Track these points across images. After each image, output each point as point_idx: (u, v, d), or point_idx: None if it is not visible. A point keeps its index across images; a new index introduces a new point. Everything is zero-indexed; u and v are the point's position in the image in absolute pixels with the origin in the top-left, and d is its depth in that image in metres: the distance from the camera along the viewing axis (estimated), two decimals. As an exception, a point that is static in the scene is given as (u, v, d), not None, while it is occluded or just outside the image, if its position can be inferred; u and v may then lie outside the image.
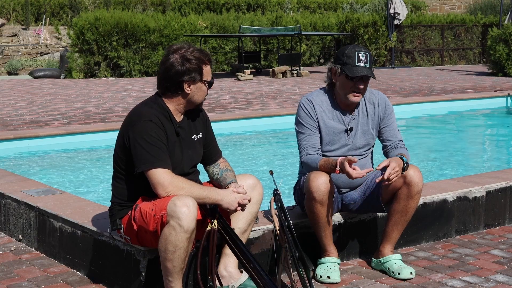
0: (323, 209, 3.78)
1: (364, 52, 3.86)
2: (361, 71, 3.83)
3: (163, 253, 3.22)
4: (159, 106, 3.43)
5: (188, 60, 3.37)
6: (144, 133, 3.31)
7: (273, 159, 8.11)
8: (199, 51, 3.42)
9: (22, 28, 21.67)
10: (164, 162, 3.30)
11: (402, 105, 11.24)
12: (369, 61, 3.85)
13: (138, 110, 3.43)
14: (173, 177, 3.29)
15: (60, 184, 6.50)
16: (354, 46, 3.92)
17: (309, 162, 3.89)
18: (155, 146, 3.30)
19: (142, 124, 3.33)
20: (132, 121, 3.38)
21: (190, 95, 3.44)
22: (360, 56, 3.85)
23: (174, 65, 3.37)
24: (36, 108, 10.94)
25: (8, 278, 3.89)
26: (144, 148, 3.30)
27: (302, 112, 4.01)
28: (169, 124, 3.42)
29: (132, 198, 3.43)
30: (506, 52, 16.63)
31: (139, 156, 3.30)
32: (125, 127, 3.42)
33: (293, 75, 16.73)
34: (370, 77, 3.86)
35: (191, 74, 3.38)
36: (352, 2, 24.41)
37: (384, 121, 4.06)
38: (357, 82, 3.88)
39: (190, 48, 3.42)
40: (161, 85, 3.46)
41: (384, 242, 4.02)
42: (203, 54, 3.44)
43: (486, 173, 5.51)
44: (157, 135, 3.33)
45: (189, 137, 3.52)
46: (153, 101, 3.47)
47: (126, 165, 3.41)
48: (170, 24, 17.40)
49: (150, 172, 3.28)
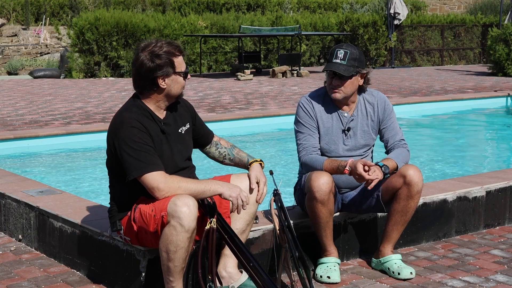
0: (324, 209, 3.78)
1: (344, 50, 3.87)
2: (331, 66, 3.86)
3: (164, 253, 3.22)
4: (139, 108, 3.41)
5: (157, 56, 3.35)
6: (129, 140, 3.29)
7: (273, 159, 8.11)
8: (168, 44, 3.40)
9: (22, 28, 21.67)
10: (155, 164, 3.29)
11: (402, 105, 11.24)
12: (347, 58, 3.85)
13: (118, 118, 3.40)
14: (167, 178, 3.28)
15: (60, 184, 6.50)
16: (342, 44, 3.95)
17: (311, 162, 3.89)
18: (142, 151, 3.29)
19: (124, 131, 3.31)
20: (115, 130, 3.36)
21: (167, 89, 3.41)
22: (338, 53, 3.87)
23: (144, 63, 3.35)
24: (36, 108, 10.93)
25: (8, 278, 3.89)
26: (131, 155, 3.28)
27: (301, 112, 4.01)
28: (152, 124, 3.40)
29: (130, 202, 3.42)
30: (506, 52, 16.63)
31: (129, 164, 3.29)
32: (110, 136, 3.40)
33: (293, 75, 16.72)
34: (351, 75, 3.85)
35: (163, 69, 3.36)
36: (352, 2, 24.41)
37: (383, 122, 4.06)
38: (333, 79, 3.89)
39: (158, 43, 3.39)
40: (137, 84, 3.44)
41: (384, 242, 4.02)
42: (173, 46, 3.41)
43: (486, 173, 5.51)
44: (142, 140, 3.31)
45: (176, 131, 3.50)
46: (132, 104, 3.44)
47: (119, 172, 3.40)
48: (170, 24, 17.40)
49: (143, 177, 3.27)
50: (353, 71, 3.87)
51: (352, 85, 3.92)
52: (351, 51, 3.87)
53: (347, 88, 3.92)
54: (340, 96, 3.93)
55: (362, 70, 3.93)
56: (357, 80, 3.94)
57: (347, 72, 3.85)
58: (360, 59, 3.90)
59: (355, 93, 3.99)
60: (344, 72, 3.84)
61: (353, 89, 3.95)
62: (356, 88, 3.97)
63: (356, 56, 3.88)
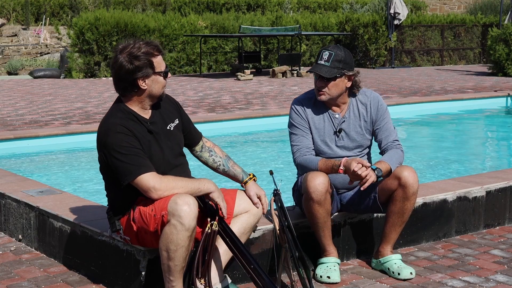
0: (321, 209, 3.78)
1: (329, 51, 3.86)
2: (314, 68, 3.86)
3: (164, 252, 3.21)
4: (123, 112, 3.39)
5: (136, 57, 3.31)
6: (116, 146, 3.29)
7: (273, 159, 8.11)
8: (146, 44, 3.36)
9: (22, 28, 21.67)
10: (146, 166, 3.28)
11: (402, 105, 11.24)
12: (331, 60, 3.83)
13: (104, 126, 3.39)
14: (161, 178, 3.28)
15: (60, 184, 6.50)
16: (329, 45, 3.96)
17: (306, 163, 3.89)
18: (131, 155, 3.28)
19: (111, 138, 3.30)
20: (102, 138, 3.35)
21: (148, 89, 3.38)
22: (323, 54, 3.87)
23: (123, 65, 3.32)
24: (36, 108, 10.94)
25: (8, 278, 3.89)
26: (122, 160, 3.27)
27: (293, 114, 4.02)
28: (138, 126, 3.38)
29: (127, 204, 3.42)
30: (506, 52, 16.63)
31: (120, 170, 3.29)
32: (98, 145, 3.40)
33: (293, 75, 16.73)
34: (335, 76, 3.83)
35: (142, 70, 3.33)
36: (352, 2, 24.41)
37: (377, 122, 4.03)
38: (316, 80, 3.89)
39: (136, 44, 3.35)
40: (118, 87, 3.41)
41: (383, 243, 4.02)
42: (151, 46, 3.37)
43: (486, 173, 5.51)
44: (130, 144, 3.30)
45: (164, 129, 3.49)
46: (116, 109, 3.42)
47: (113, 178, 3.39)
48: (170, 24, 17.40)
49: (137, 180, 3.26)
50: (337, 73, 3.84)
51: (336, 86, 3.89)
52: (336, 52, 3.85)
53: (331, 89, 3.89)
54: (325, 98, 3.92)
55: (348, 72, 3.88)
56: (343, 82, 3.90)
57: (329, 73, 3.83)
58: (346, 61, 3.86)
59: (343, 94, 3.96)
60: (326, 74, 3.83)
61: (339, 91, 3.92)
62: (342, 89, 3.92)
63: (341, 58, 3.85)
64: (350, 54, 3.93)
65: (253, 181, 3.67)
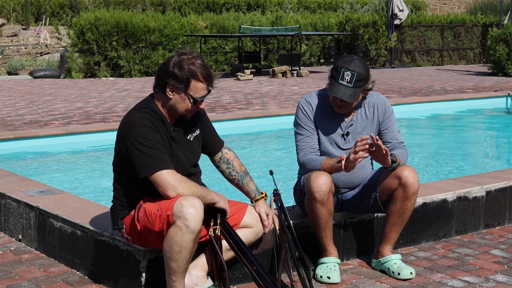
0: (324, 209, 3.78)
1: (351, 71, 3.77)
2: (337, 90, 3.79)
3: (168, 253, 3.21)
4: (151, 110, 3.39)
5: (180, 67, 3.30)
6: (141, 137, 3.27)
7: (273, 159, 8.11)
8: (199, 66, 3.32)
9: (22, 28, 21.68)
10: (167, 163, 3.27)
11: (402, 105, 11.24)
12: (353, 81, 3.78)
13: (130, 117, 3.38)
14: (181, 177, 3.28)
15: (60, 184, 6.49)
16: (347, 60, 3.82)
17: (309, 163, 3.89)
18: (155, 149, 3.27)
19: (136, 129, 3.29)
20: (126, 129, 3.33)
21: (172, 101, 3.37)
22: (345, 75, 3.78)
23: (168, 64, 3.33)
24: (36, 108, 10.94)
25: (8, 278, 3.89)
26: (144, 152, 3.25)
27: (300, 113, 4.01)
28: (162, 129, 3.38)
29: (134, 201, 3.42)
30: (506, 52, 16.63)
31: (140, 161, 3.26)
32: (120, 135, 3.37)
33: (293, 75, 16.73)
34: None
35: (176, 80, 3.31)
36: (352, 2, 24.41)
37: (383, 124, 4.04)
38: (336, 99, 3.87)
39: (194, 59, 3.33)
40: (155, 79, 3.43)
41: (383, 243, 4.02)
42: (201, 70, 3.33)
43: (486, 173, 5.51)
44: (154, 138, 3.29)
45: (184, 138, 3.49)
46: (146, 105, 3.42)
47: (126, 172, 3.38)
48: (170, 24, 17.40)
49: (156, 175, 3.24)
50: (359, 92, 3.83)
51: (356, 101, 3.91)
52: (358, 72, 3.77)
53: (351, 105, 3.91)
54: (343, 111, 3.94)
55: (368, 86, 3.89)
56: (360, 95, 3.91)
57: (354, 97, 3.80)
58: (366, 77, 3.82)
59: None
60: (350, 99, 3.80)
61: (356, 103, 3.94)
62: (359, 100, 3.94)
63: (363, 77, 3.80)
64: (367, 67, 3.88)
65: (264, 200, 3.70)
